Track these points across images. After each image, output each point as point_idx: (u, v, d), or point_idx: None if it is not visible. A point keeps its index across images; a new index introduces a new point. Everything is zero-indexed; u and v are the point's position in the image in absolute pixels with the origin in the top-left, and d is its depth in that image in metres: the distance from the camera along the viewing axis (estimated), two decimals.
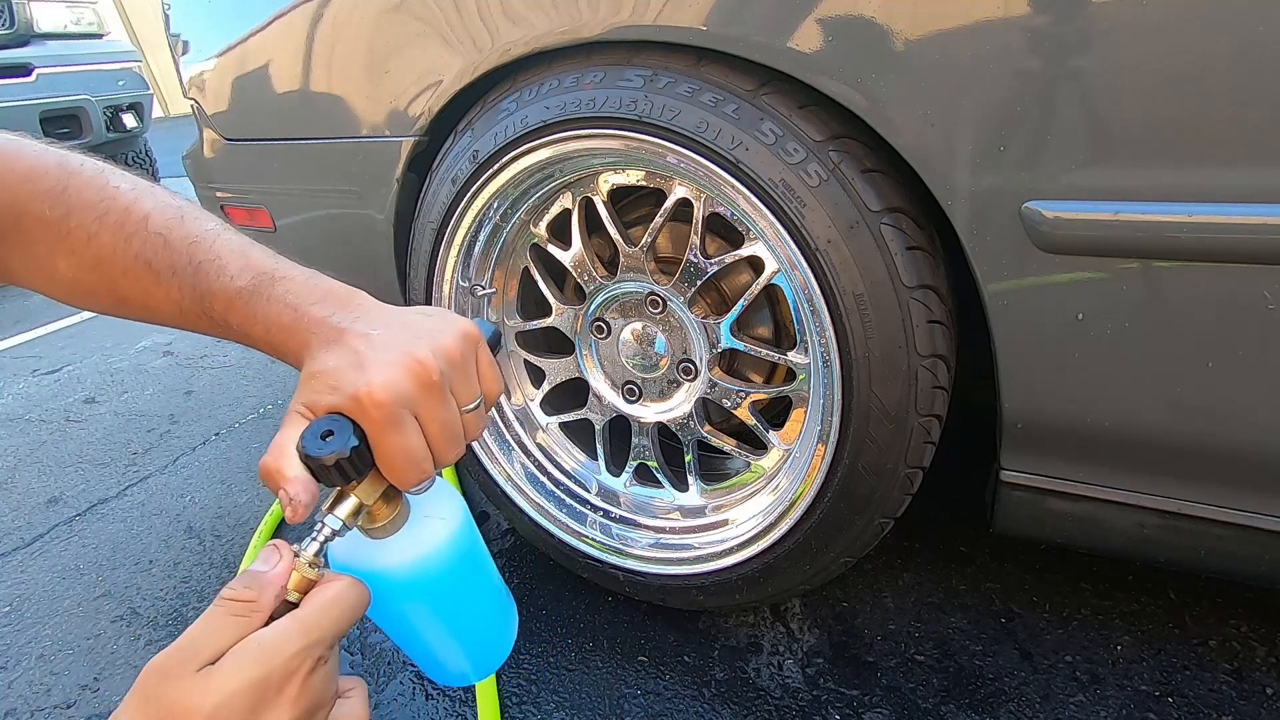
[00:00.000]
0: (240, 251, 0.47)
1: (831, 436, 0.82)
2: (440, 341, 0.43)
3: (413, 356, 0.42)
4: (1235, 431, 0.65)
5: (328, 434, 0.40)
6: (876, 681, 0.95)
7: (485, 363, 0.47)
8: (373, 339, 0.43)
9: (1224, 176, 0.56)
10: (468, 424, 0.45)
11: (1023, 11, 0.58)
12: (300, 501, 0.40)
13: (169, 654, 0.35)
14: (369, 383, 0.40)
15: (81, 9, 3.61)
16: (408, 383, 0.41)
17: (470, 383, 0.45)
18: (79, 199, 0.47)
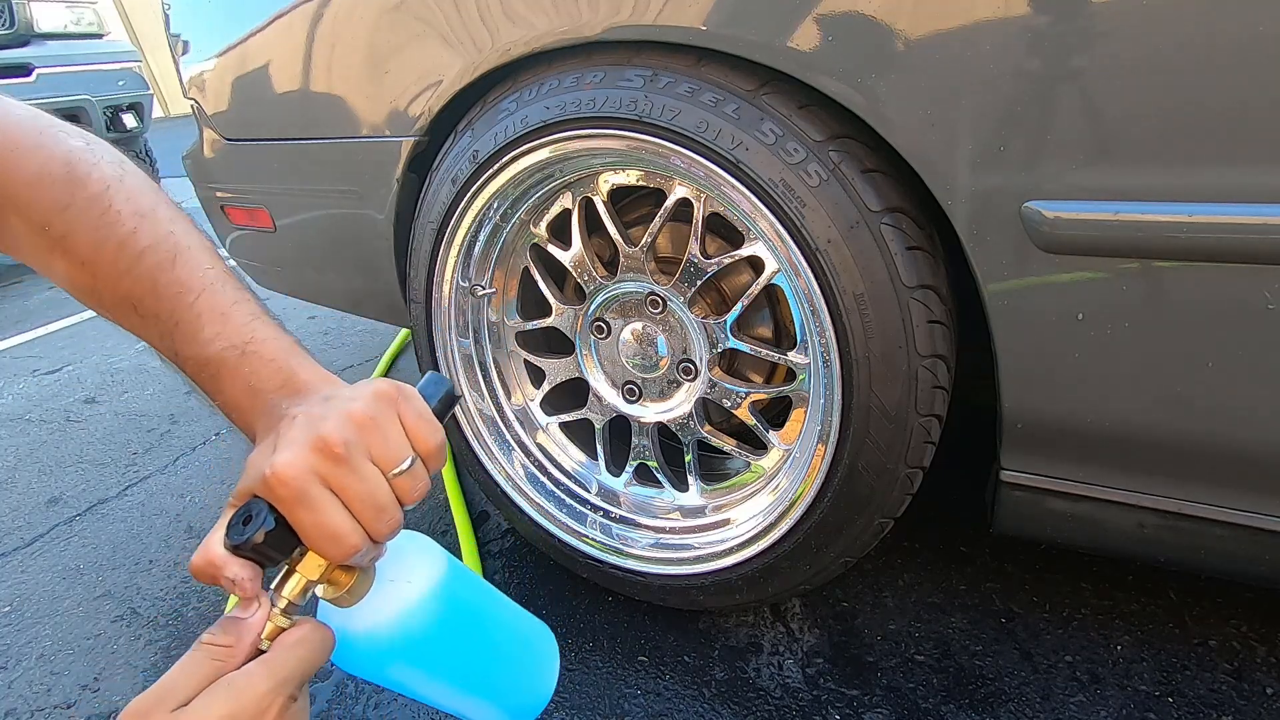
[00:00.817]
0: (221, 314, 0.46)
1: (831, 436, 0.82)
2: (349, 408, 0.42)
3: (316, 430, 0.41)
4: (1235, 431, 0.65)
5: (247, 519, 0.40)
6: (876, 681, 0.95)
7: (413, 418, 0.44)
8: (294, 421, 0.42)
9: (1224, 176, 0.56)
10: (400, 488, 0.43)
11: (1023, 11, 0.58)
12: (244, 579, 0.40)
13: (146, 696, 0.36)
14: (272, 463, 0.40)
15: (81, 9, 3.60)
16: (310, 458, 0.40)
17: (391, 444, 0.42)
18: (78, 221, 0.46)
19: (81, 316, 2.93)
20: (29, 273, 3.79)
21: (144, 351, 2.46)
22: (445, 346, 1.11)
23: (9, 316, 3.05)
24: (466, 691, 0.53)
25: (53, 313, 3.01)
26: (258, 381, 0.45)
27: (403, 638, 0.47)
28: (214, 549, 0.40)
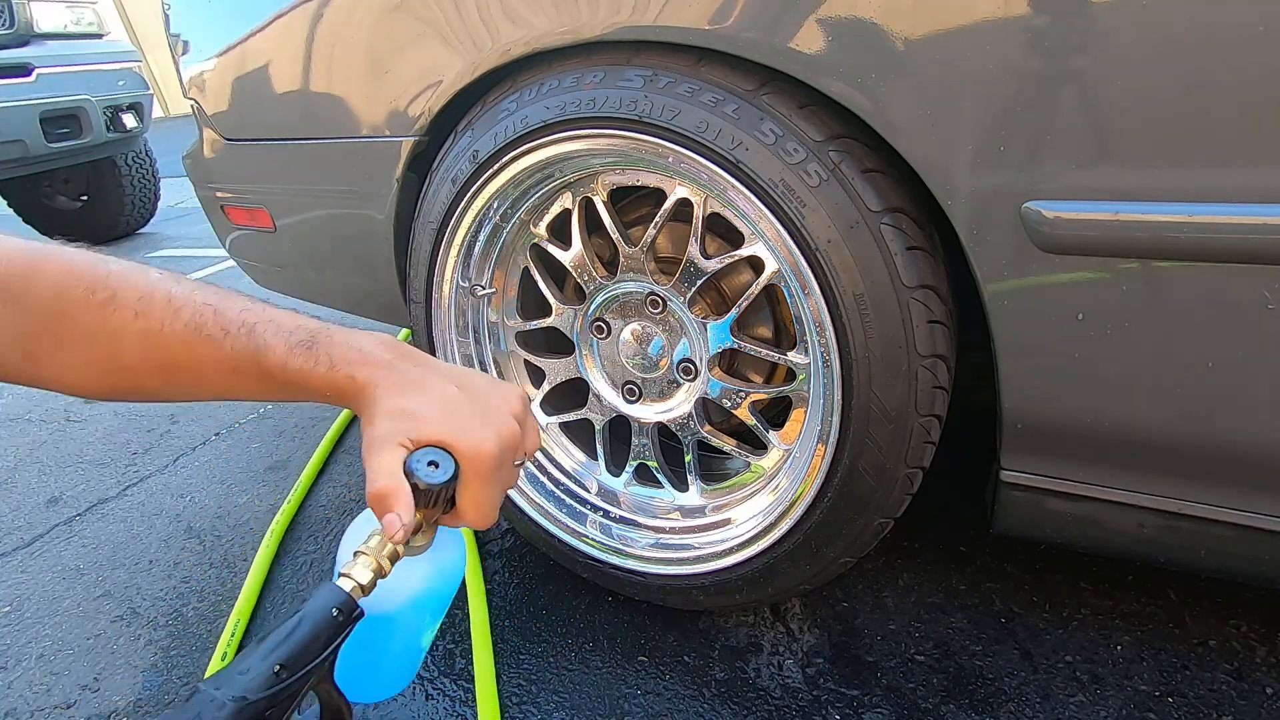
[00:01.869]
0: (290, 313, 0.52)
1: (831, 436, 0.82)
2: (518, 409, 0.52)
3: (507, 422, 0.50)
4: (1235, 431, 0.65)
5: (433, 464, 0.47)
6: (876, 681, 0.95)
7: (532, 426, 0.55)
8: (468, 394, 0.51)
9: (1224, 176, 0.56)
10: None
11: (1023, 11, 0.58)
12: (408, 526, 0.46)
13: None
14: (484, 437, 0.48)
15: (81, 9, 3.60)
16: (504, 444, 0.50)
17: (532, 445, 0.54)
18: (122, 282, 0.49)
19: None
20: None
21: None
22: (445, 346, 1.11)
23: None
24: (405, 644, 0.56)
25: None
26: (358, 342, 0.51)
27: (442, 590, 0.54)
28: (399, 485, 0.46)
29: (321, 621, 0.43)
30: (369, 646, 0.54)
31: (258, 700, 0.39)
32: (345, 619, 0.44)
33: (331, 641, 0.43)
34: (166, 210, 4.76)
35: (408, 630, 0.56)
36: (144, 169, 4.07)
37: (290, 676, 0.40)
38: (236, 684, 0.39)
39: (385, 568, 0.47)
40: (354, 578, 0.46)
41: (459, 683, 1.02)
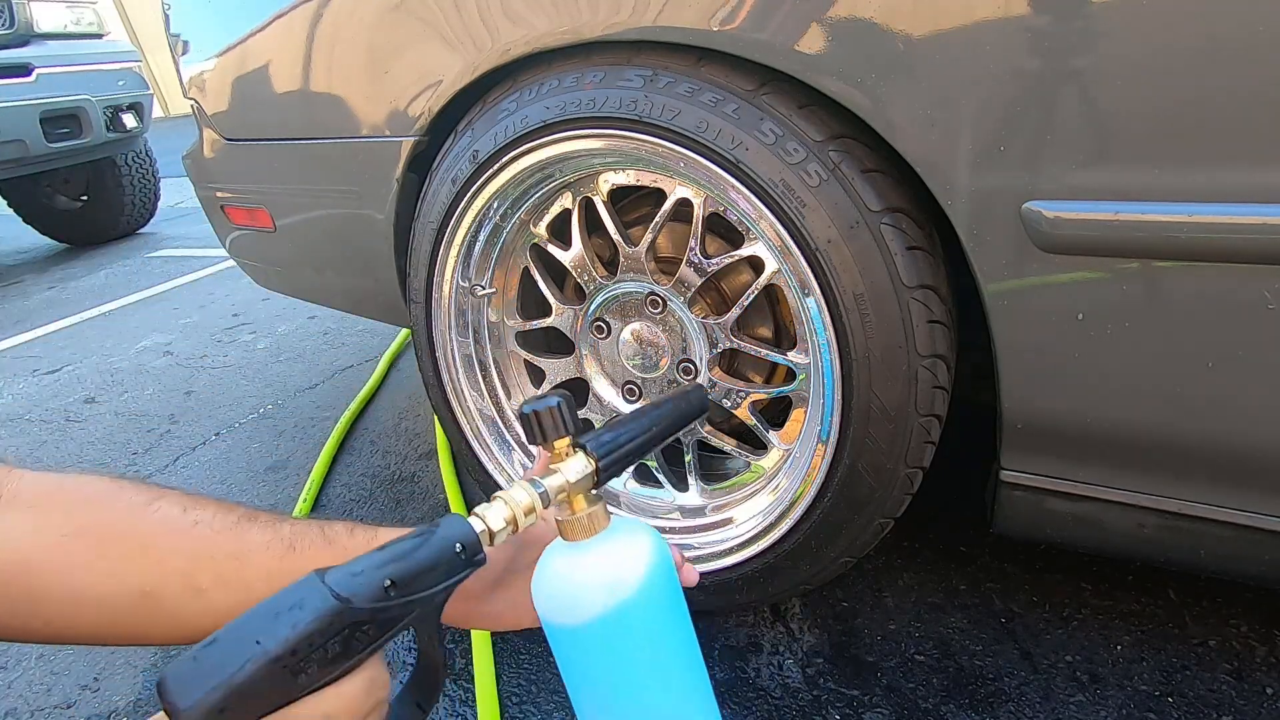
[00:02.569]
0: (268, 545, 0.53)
1: (831, 436, 0.82)
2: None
3: None
4: (1235, 431, 0.65)
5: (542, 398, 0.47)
6: (876, 681, 0.95)
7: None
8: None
9: (1224, 176, 0.56)
10: None
11: (1023, 11, 0.58)
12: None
13: None
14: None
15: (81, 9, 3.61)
16: None
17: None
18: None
19: (81, 316, 2.93)
20: (29, 272, 3.80)
21: (144, 351, 2.47)
22: (445, 346, 1.11)
23: (9, 316, 3.05)
24: (642, 694, 0.50)
25: (53, 313, 3.01)
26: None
27: (635, 596, 0.47)
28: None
29: (443, 551, 0.41)
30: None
31: (360, 609, 0.37)
32: (467, 559, 0.42)
33: (449, 576, 0.41)
34: (166, 210, 4.76)
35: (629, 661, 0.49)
36: (144, 169, 4.08)
37: (399, 597, 0.39)
38: (347, 584, 0.37)
39: (520, 520, 0.45)
40: (485, 519, 0.44)
41: (459, 683, 1.02)
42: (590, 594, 0.47)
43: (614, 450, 0.50)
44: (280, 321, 2.58)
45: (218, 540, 0.50)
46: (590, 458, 0.49)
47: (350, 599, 0.37)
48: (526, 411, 0.46)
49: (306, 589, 0.37)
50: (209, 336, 2.53)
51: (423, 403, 1.83)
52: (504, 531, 0.44)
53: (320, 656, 0.36)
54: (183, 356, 2.38)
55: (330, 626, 0.36)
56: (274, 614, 0.36)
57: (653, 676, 0.50)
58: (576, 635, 0.48)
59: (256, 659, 0.34)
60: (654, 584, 0.49)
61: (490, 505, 0.45)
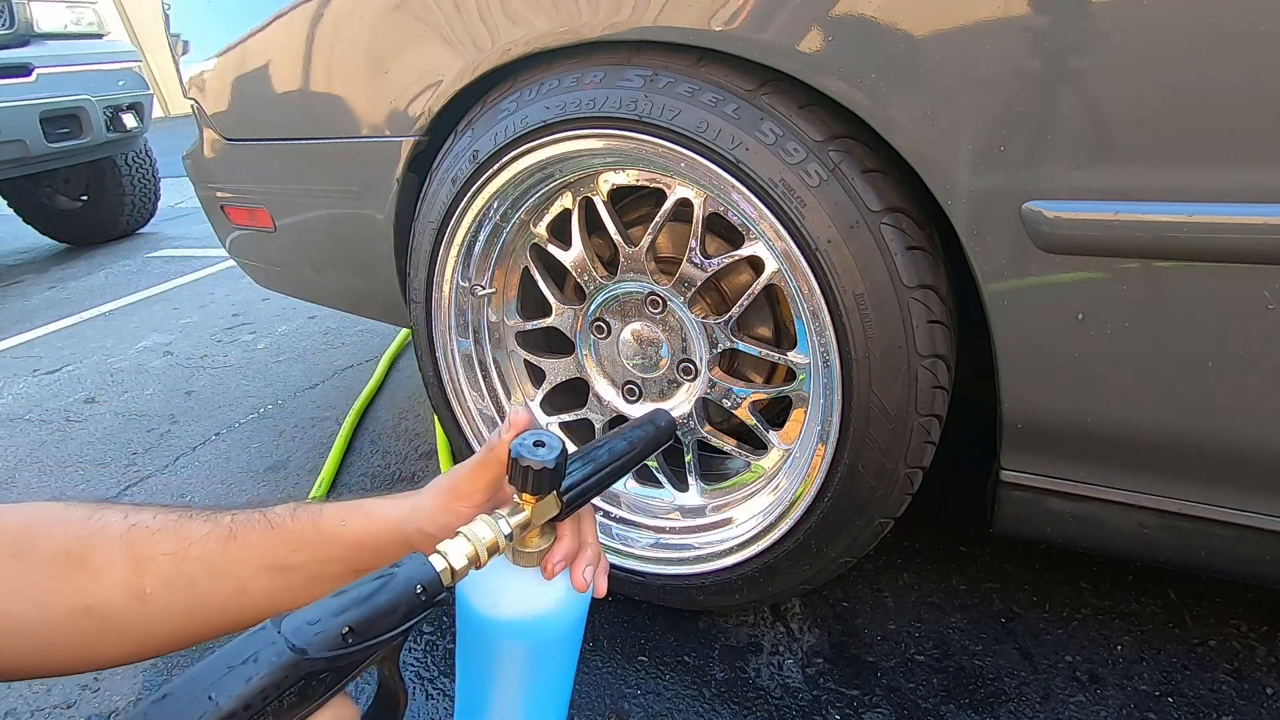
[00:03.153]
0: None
1: (831, 436, 0.82)
2: None
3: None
4: (1235, 431, 0.65)
5: (538, 444, 0.48)
6: (876, 681, 0.95)
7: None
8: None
9: (1224, 176, 0.56)
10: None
11: (1023, 11, 0.58)
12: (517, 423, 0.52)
13: None
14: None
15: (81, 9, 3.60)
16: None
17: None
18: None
19: (81, 316, 2.93)
20: (29, 272, 3.79)
21: (144, 351, 2.47)
22: (445, 346, 1.11)
23: (9, 316, 3.05)
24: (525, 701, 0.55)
25: (53, 313, 3.01)
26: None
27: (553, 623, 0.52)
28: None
29: (404, 594, 0.41)
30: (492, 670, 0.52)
31: (316, 659, 0.36)
32: (428, 599, 0.42)
33: (409, 618, 0.41)
34: (166, 210, 4.76)
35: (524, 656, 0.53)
36: (144, 169, 4.07)
37: (357, 644, 0.38)
38: (303, 634, 0.37)
39: (481, 558, 0.45)
40: (447, 558, 0.44)
41: None
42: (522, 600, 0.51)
43: (582, 493, 0.52)
44: (280, 321, 2.58)
45: (155, 540, 0.49)
46: (558, 501, 0.50)
47: (306, 649, 0.36)
48: (520, 461, 0.46)
49: (261, 640, 0.36)
50: (209, 336, 2.53)
51: (423, 403, 1.83)
52: (466, 569, 0.44)
53: (275, 708, 0.35)
54: (183, 356, 2.38)
55: (286, 679, 0.35)
56: (227, 667, 0.35)
57: (534, 682, 0.54)
58: (493, 627, 0.51)
59: (209, 716, 0.33)
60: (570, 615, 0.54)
61: (453, 542, 0.45)
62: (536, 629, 0.52)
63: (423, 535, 0.53)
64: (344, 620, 0.38)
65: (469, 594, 0.51)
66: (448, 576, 0.43)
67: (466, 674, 0.54)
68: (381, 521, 0.54)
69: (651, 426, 0.59)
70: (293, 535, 0.52)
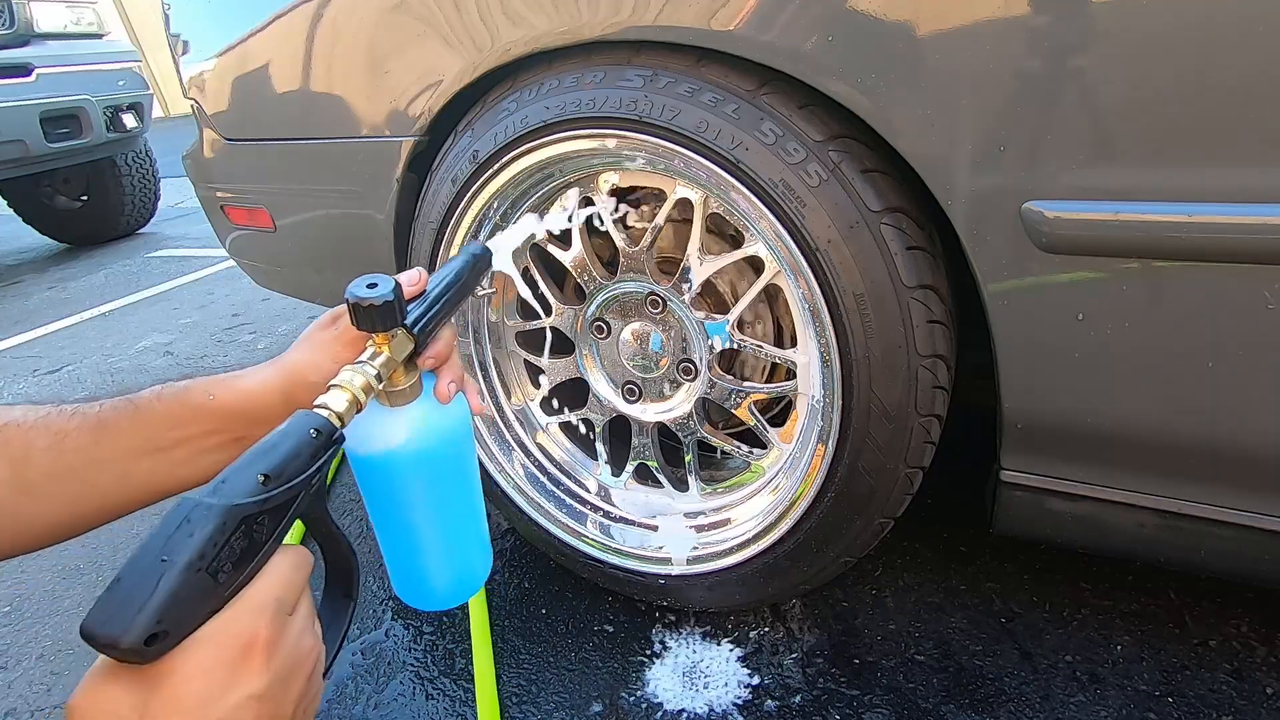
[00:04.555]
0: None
1: (832, 436, 0.82)
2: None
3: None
4: (1235, 431, 0.65)
5: (371, 285, 0.49)
6: (876, 681, 0.95)
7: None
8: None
9: (1224, 176, 0.56)
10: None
11: (1023, 12, 0.58)
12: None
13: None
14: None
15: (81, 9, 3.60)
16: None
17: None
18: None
19: (81, 316, 2.93)
20: (29, 272, 3.80)
21: (144, 351, 2.47)
22: None
23: (9, 316, 3.05)
24: (438, 528, 0.58)
25: (53, 313, 3.01)
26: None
27: (437, 444, 0.55)
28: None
29: (301, 438, 0.43)
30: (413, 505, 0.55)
31: (246, 504, 0.38)
32: (325, 439, 0.44)
33: (315, 459, 0.43)
34: (166, 210, 4.76)
35: (437, 476, 0.56)
36: (144, 169, 4.07)
37: (277, 486, 0.40)
38: (221, 493, 0.38)
39: (360, 398, 0.47)
40: (328, 405, 0.46)
41: (459, 683, 1.02)
42: (399, 433, 0.53)
43: (429, 324, 0.55)
44: (280, 321, 2.58)
45: (29, 436, 0.51)
46: (410, 336, 0.53)
47: (230, 499, 0.38)
48: (356, 302, 0.48)
49: (184, 508, 0.37)
50: (209, 336, 2.53)
51: None
52: (350, 411, 0.47)
53: (230, 554, 0.37)
54: (183, 356, 2.37)
55: (225, 525, 0.37)
56: (165, 537, 0.36)
57: (435, 508, 0.57)
58: (378, 464, 0.53)
59: (170, 572, 0.35)
60: (451, 437, 0.57)
61: (329, 394, 0.47)
62: (427, 451, 0.54)
63: (305, 386, 0.55)
64: (255, 469, 0.40)
65: (358, 446, 0.53)
66: (335, 420, 0.46)
67: (383, 523, 0.57)
68: (253, 386, 0.56)
69: (470, 255, 0.62)
70: (162, 415, 0.55)
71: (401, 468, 0.54)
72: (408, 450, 0.53)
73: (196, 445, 0.56)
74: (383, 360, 0.51)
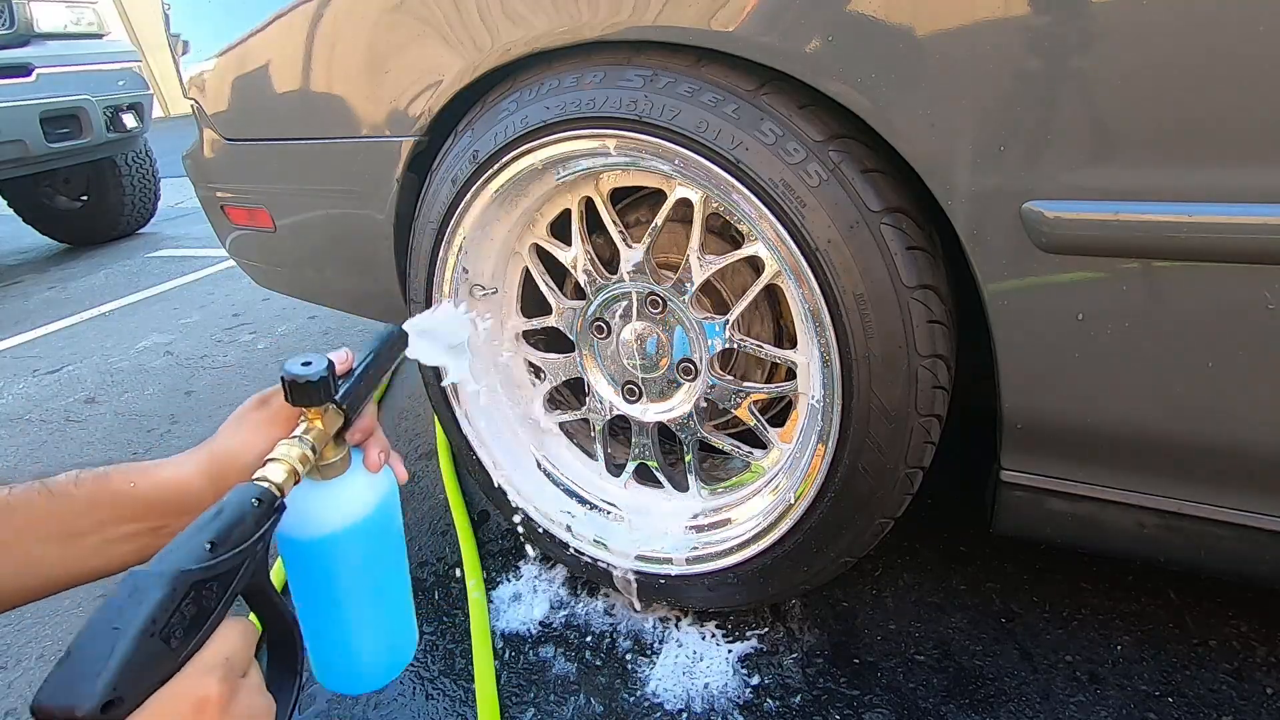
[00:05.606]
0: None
1: (831, 436, 0.82)
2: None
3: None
4: (1235, 431, 0.65)
5: (305, 363, 0.52)
6: (876, 681, 0.95)
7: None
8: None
9: (1224, 176, 0.56)
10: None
11: (1023, 11, 0.58)
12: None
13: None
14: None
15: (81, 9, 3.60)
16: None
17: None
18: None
19: (81, 316, 2.93)
20: (29, 273, 3.79)
21: (144, 351, 2.47)
22: None
23: (9, 316, 3.05)
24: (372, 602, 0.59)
25: (53, 313, 3.01)
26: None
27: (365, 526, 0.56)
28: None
29: (244, 507, 0.44)
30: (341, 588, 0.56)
31: (194, 570, 0.39)
32: (267, 508, 0.45)
33: (259, 526, 0.44)
34: (166, 210, 4.76)
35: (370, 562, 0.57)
36: (144, 169, 4.07)
37: (225, 552, 0.41)
38: (169, 560, 0.39)
39: (297, 469, 0.49)
40: (268, 476, 0.48)
41: (459, 683, 1.02)
42: (337, 513, 0.55)
43: (357, 400, 0.57)
44: (280, 321, 2.58)
45: None
46: (340, 411, 0.54)
47: (179, 564, 0.39)
48: (294, 379, 0.50)
49: (135, 579, 0.38)
50: (209, 336, 2.53)
51: (422, 403, 1.83)
52: (289, 481, 0.49)
53: (180, 620, 0.38)
54: (183, 356, 2.38)
55: (175, 591, 0.38)
56: (117, 608, 0.37)
57: (369, 586, 0.59)
58: (315, 548, 0.54)
59: (123, 640, 0.35)
60: (385, 512, 0.59)
61: (266, 467, 0.49)
62: (364, 529, 0.56)
63: (236, 469, 0.55)
64: (202, 538, 0.41)
65: (295, 530, 0.54)
66: (275, 490, 0.47)
67: (313, 606, 0.57)
68: (178, 473, 0.56)
69: (387, 335, 0.65)
70: (78, 501, 0.53)
71: (343, 547, 0.55)
72: (349, 528, 0.55)
73: (110, 533, 0.54)
74: (316, 433, 0.52)
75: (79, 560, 0.53)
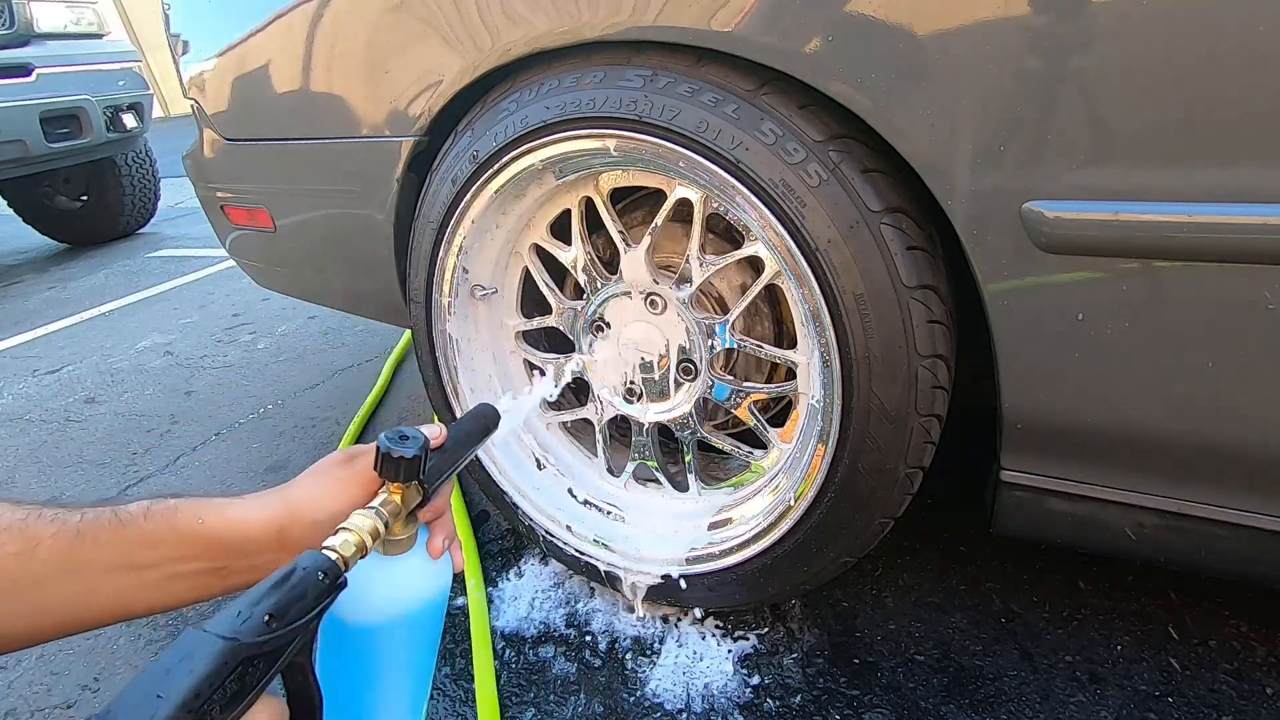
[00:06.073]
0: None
1: (831, 436, 0.82)
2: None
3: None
4: (1235, 431, 0.65)
5: (402, 438, 0.53)
6: (876, 681, 0.95)
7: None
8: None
9: (1224, 176, 0.56)
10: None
11: (1023, 11, 0.58)
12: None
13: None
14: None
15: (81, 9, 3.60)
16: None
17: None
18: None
19: (81, 316, 2.93)
20: (29, 273, 3.79)
21: (144, 351, 2.47)
22: (445, 347, 1.11)
23: (9, 316, 3.05)
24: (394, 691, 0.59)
25: (53, 313, 3.01)
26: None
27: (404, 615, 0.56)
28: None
29: (309, 581, 0.44)
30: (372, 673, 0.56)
31: (248, 644, 0.39)
32: (331, 584, 0.45)
33: (319, 602, 0.44)
34: (166, 210, 4.76)
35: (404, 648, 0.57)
36: (144, 169, 4.07)
37: (280, 628, 0.41)
38: (230, 625, 0.39)
39: (367, 543, 0.49)
40: (337, 549, 0.47)
41: (459, 683, 1.02)
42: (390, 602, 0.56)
43: (438, 480, 0.57)
44: (280, 321, 2.58)
45: (1, 541, 0.49)
46: (420, 488, 0.55)
47: (237, 636, 0.39)
48: (388, 452, 0.51)
49: (190, 641, 0.38)
50: (209, 336, 2.53)
51: (423, 403, 1.83)
52: (355, 557, 0.48)
53: (220, 697, 0.37)
54: (183, 356, 2.38)
55: (225, 666, 0.37)
56: (165, 670, 0.36)
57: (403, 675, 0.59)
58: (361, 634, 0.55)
59: (163, 709, 0.35)
60: (437, 604, 0.60)
61: (337, 535, 0.49)
62: (414, 620, 0.57)
63: (303, 524, 0.55)
64: (264, 608, 0.41)
65: (350, 613, 0.54)
66: (342, 564, 0.47)
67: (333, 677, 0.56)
68: (247, 517, 0.55)
69: (481, 417, 0.66)
70: (145, 534, 0.52)
71: (388, 637, 0.55)
72: (399, 618, 0.55)
73: (172, 569, 0.53)
74: (392, 507, 0.52)
75: (137, 592, 0.52)
